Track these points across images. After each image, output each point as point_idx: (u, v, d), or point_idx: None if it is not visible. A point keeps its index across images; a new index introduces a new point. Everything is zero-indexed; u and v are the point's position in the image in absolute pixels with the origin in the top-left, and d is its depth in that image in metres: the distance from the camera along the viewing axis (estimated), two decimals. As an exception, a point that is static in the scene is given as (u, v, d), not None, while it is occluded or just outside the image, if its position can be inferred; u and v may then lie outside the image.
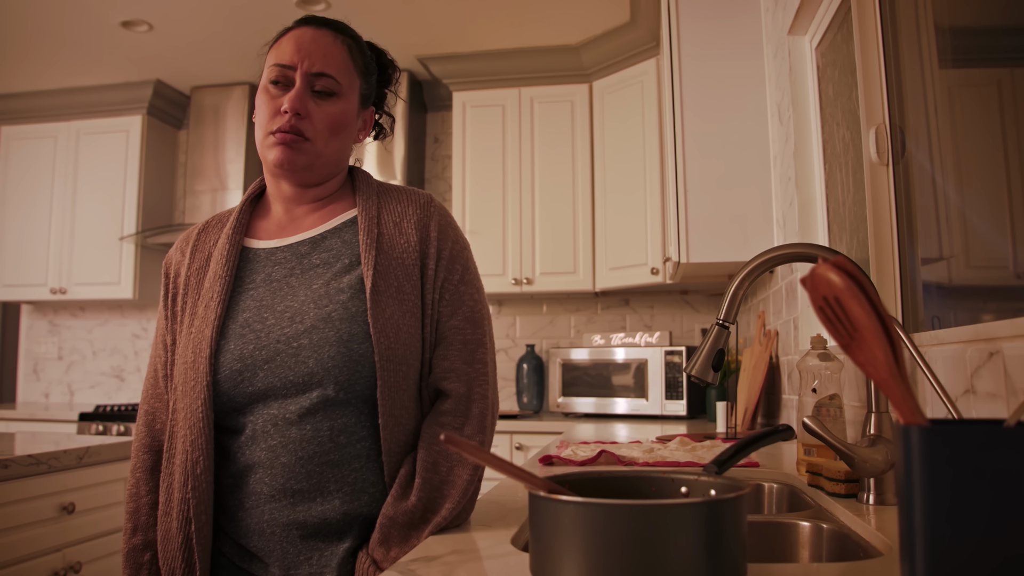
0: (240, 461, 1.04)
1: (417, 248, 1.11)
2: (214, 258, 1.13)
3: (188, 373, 1.06)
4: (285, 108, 1.07)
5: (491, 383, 1.11)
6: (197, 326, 1.08)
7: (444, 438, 0.69)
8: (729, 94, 2.60)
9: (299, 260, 1.11)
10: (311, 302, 1.06)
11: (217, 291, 1.09)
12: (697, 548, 0.63)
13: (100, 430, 3.66)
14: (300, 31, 1.12)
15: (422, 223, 1.13)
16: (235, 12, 3.52)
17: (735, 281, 1.23)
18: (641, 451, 1.73)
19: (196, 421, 1.03)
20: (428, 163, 4.35)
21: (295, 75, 1.09)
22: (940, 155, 1.35)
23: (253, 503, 1.03)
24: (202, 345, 1.05)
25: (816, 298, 0.59)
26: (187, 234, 1.21)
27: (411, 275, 1.09)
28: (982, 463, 0.52)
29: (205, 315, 1.08)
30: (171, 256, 1.20)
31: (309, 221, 1.15)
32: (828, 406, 1.32)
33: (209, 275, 1.12)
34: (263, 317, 1.07)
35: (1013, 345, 0.88)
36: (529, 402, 3.88)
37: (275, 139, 1.08)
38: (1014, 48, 1.15)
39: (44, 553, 1.96)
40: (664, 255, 3.34)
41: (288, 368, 1.03)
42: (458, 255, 1.14)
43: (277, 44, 1.13)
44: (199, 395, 1.03)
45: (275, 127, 1.08)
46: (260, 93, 1.12)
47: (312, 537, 1.02)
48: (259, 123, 1.12)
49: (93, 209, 4.32)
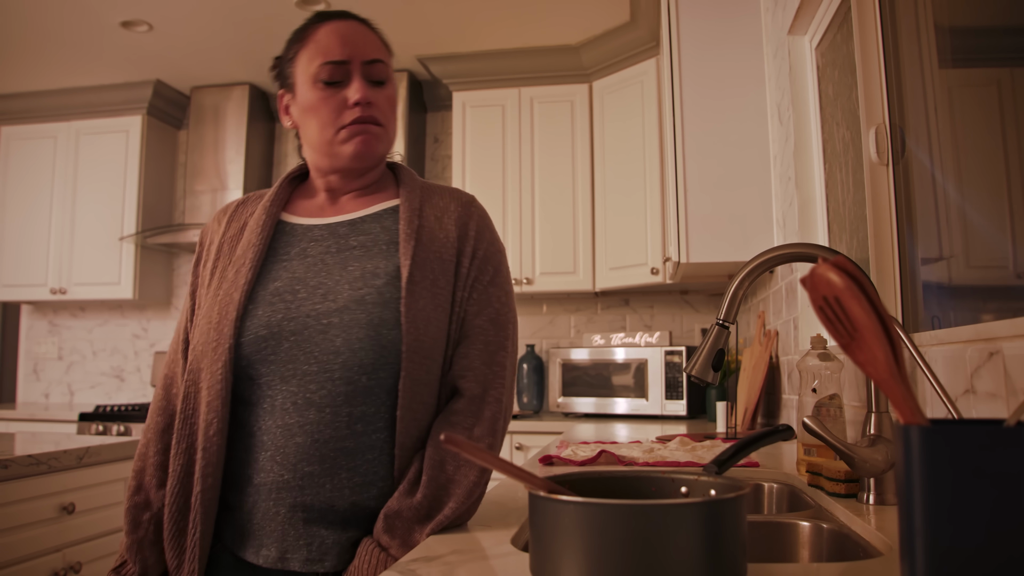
0: (254, 435, 1.04)
1: (455, 245, 1.12)
2: (249, 227, 1.14)
3: (211, 334, 1.05)
4: (356, 100, 1.08)
5: (507, 387, 1.10)
6: (225, 289, 1.08)
7: (444, 438, 0.69)
8: (729, 94, 2.60)
9: (336, 240, 1.12)
10: (346, 283, 1.06)
11: (250, 257, 1.09)
12: (697, 548, 0.63)
13: (100, 430, 3.66)
14: (333, 26, 1.12)
15: (462, 220, 1.14)
16: (235, 12, 3.52)
17: (735, 281, 1.23)
18: (641, 451, 1.73)
19: (215, 383, 1.02)
20: (428, 163, 4.35)
21: (350, 68, 1.10)
22: (940, 155, 1.35)
23: (261, 480, 1.02)
24: (229, 307, 1.05)
25: (816, 298, 0.59)
26: (226, 207, 1.22)
27: (447, 270, 1.10)
28: (982, 463, 0.52)
29: (235, 279, 1.08)
30: (208, 227, 1.21)
31: (351, 206, 1.17)
32: (828, 406, 1.32)
33: (242, 243, 1.13)
34: (295, 289, 1.06)
35: (1013, 345, 0.88)
36: (529, 402, 3.88)
37: (350, 131, 1.10)
38: (1014, 48, 1.15)
39: (44, 553, 1.96)
40: (664, 255, 3.34)
41: (315, 344, 1.02)
42: (492, 257, 1.15)
43: (312, 43, 1.12)
44: (220, 356, 1.02)
45: (347, 120, 1.09)
46: (312, 92, 1.11)
47: (316, 522, 1.01)
48: (322, 122, 1.10)
49: (93, 209, 4.32)
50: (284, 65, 1.17)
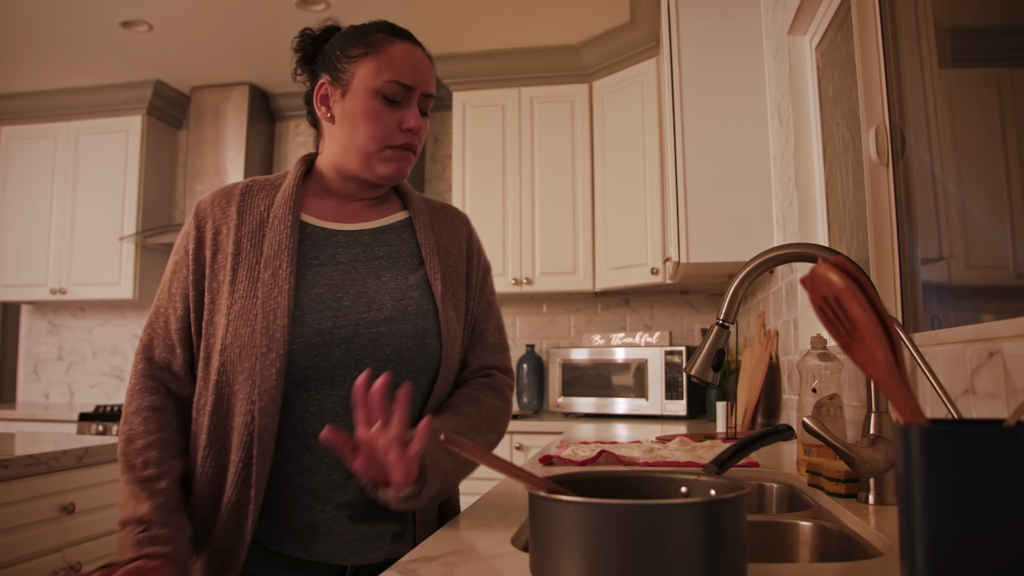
0: (296, 437, 1.06)
1: (465, 260, 1.25)
2: (271, 225, 1.13)
3: (257, 338, 1.05)
4: (410, 127, 1.14)
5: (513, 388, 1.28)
6: (265, 292, 1.08)
7: (444, 438, 0.71)
8: (729, 94, 2.59)
9: (363, 248, 1.17)
10: (386, 293, 1.13)
11: (285, 261, 1.10)
12: (697, 548, 0.63)
13: (100, 430, 3.66)
14: (408, 48, 1.17)
15: (466, 236, 1.28)
16: (235, 12, 3.52)
17: (735, 281, 1.23)
18: (641, 451, 1.73)
19: (268, 388, 1.04)
20: (428, 163, 4.35)
21: (412, 95, 1.15)
22: (940, 155, 1.35)
23: (304, 480, 1.06)
24: (277, 313, 1.06)
25: (816, 298, 0.59)
26: (226, 192, 1.18)
27: (462, 284, 1.23)
28: (982, 463, 0.52)
29: (274, 283, 1.08)
30: (205, 209, 1.16)
31: (365, 215, 1.21)
32: (828, 406, 1.32)
33: (269, 241, 1.12)
34: (337, 297, 1.10)
35: (1013, 345, 0.88)
36: (529, 402, 3.88)
37: (393, 153, 1.15)
38: (1014, 48, 1.15)
39: (44, 553, 1.96)
40: (664, 255, 3.34)
41: (365, 351, 1.09)
42: (487, 270, 1.30)
43: (386, 56, 1.14)
44: (273, 363, 1.04)
45: (396, 142, 1.14)
46: (372, 102, 1.13)
47: (360, 519, 1.07)
48: (372, 134, 1.13)
49: (93, 209, 4.32)
50: (338, 59, 1.16)
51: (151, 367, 1.13)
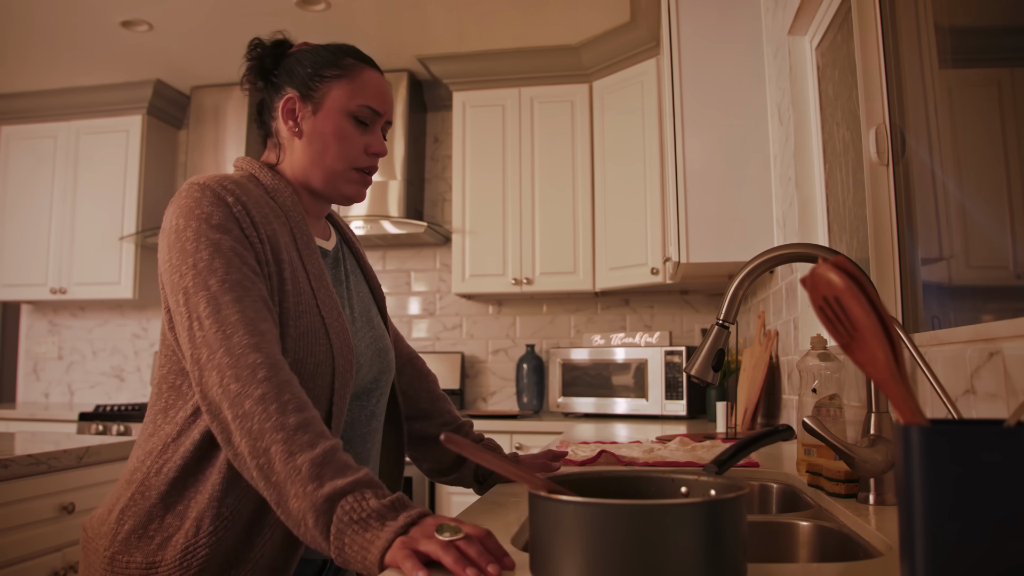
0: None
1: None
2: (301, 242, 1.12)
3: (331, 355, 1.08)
4: (376, 151, 1.18)
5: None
6: (328, 310, 1.09)
7: (444, 438, 0.72)
8: (729, 94, 2.59)
9: (334, 266, 1.22)
10: (365, 310, 1.23)
11: (326, 280, 1.13)
12: (697, 548, 0.63)
13: (100, 430, 3.66)
14: (378, 78, 1.21)
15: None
16: (235, 12, 3.52)
17: (735, 281, 1.23)
18: (641, 451, 1.73)
19: (342, 404, 1.09)
20: (428, 163, 4.35)
21: (378, 120, 1.20)
22: (940, 155, 1.35)
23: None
24: (343, 333, 1.10)
25: (816, 298, 0.59)
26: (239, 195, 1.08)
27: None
28: (982, 463, 0.52)
29: (330, 302, 1.10)
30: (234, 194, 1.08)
31: (326, 231, 1.26)
32: (828, 406, 1.32)
33: (308, 258, 1.12)
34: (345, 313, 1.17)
35: (1013, 345, 0.88)
36: (529, 402, 3.88)
37: (359, 176, 1.19)
38: (1014, 48, 1.15)
39: (44, 553, 1.96)
40: (664, 255, 3.34)
41: (377, 366, 1.19)
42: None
43: (360, 82, 1.17)
44: (347, 382, 1.09)
45: (362, 164, 1.18)
46: (343, 123, 1.16)
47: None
48: (341, 153, 1.16)
49: (93, 209, 4.32)
50: (310, 76, 1.16)
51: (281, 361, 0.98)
